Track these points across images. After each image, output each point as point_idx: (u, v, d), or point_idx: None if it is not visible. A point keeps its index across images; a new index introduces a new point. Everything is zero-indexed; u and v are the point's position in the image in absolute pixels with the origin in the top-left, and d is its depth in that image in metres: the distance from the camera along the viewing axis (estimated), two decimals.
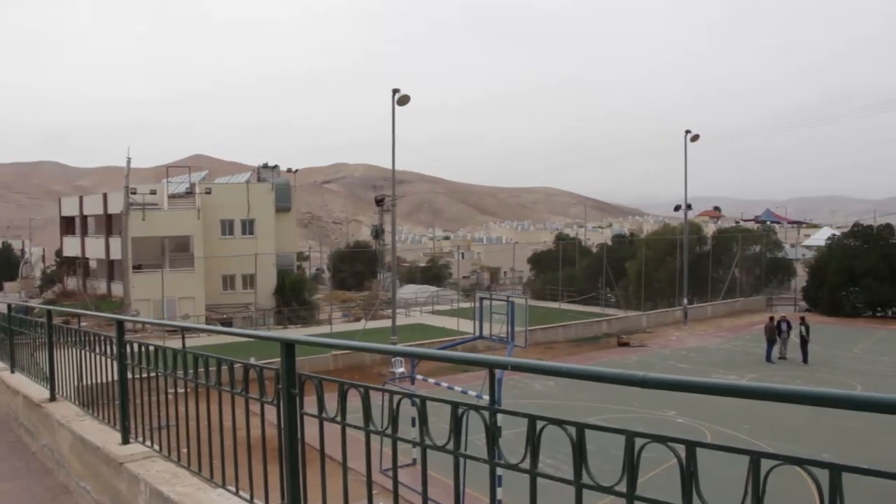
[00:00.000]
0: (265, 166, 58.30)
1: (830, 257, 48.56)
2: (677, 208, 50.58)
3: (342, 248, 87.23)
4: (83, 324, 6.85)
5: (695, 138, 46.62)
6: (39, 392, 7.75)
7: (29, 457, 7.70)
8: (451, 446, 2.95)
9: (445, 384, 18.73)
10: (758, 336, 35.53)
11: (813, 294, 49.24)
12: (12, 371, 9.00)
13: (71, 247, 59.56)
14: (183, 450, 4.99)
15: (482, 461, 2.86)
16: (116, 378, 5.66)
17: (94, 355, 6.18)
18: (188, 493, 4.53)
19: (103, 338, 6.01)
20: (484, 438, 2.83)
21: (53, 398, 7.40)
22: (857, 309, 46.46)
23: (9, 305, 9.32)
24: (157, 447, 5.35)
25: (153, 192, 49.22)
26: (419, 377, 19.17)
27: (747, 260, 57.02)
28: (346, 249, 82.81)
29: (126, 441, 5.62)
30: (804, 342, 32.37)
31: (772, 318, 34.26)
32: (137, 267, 46.61)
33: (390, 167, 34.05)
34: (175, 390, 5.02)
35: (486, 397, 3.21)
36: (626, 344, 38.49)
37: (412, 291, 60.12)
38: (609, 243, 70.99)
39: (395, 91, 32.50)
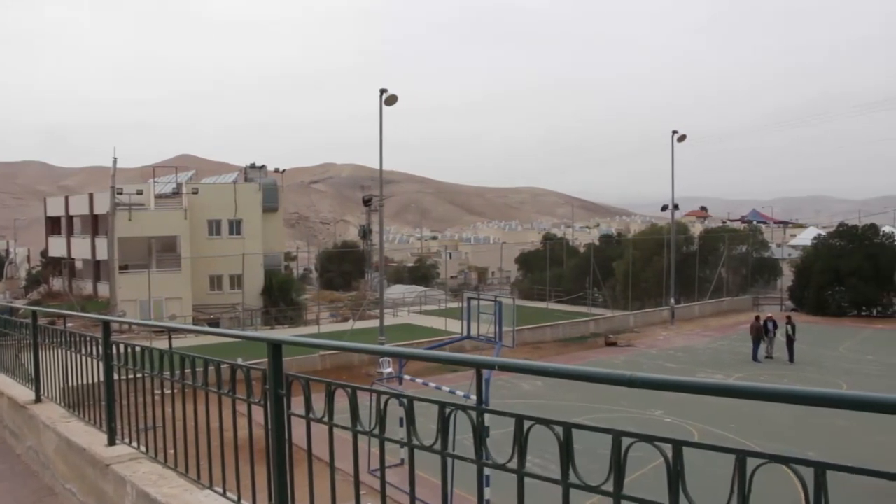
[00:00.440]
0: (252, 166, 58.12)
1: (816, 257, 48.87)
2: (664, 208, 50.75)
3: (330, 249, 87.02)
4: (69, 325, 6.80)
5: (682, 138, 46.83)
6: (24, 393, 7.69)
7: (14, 459, 7.65)
8: (439, 446, 2.95)
9: (433, 384, 18.72)
10: (744, 335, 35.70)
11: (799, 293, 49.54)
12: None
13: (56, 247, 59.22)
14: (170, 451, 4.97)
15: (470, 461, 2.86)
16: (103, 379, 5.64)
17: (80, 356, 6.15)
18: (175, 495, 4.51)
19: (89, 339, 5.98)
20: (472, 438, 2.84)
21: (39, 399, 7.35)
22: (843, 308, 46.77)
23: None
24: (144, 448, 5.32)
25: (140, 192, 48.95)
26: (407, 377, 19.16)
27: (734, 260, 57.30)
28: (334, 249, 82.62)
29: (112, 442, 5.59)
30: (790, 341, 32.55)
31: (758, 318, 34.43)
32: (124, 267, 46.36)
33: (378, 167, 34.02)
34: (162, 391, 5.00)
35: (474, 397, 3.25)
36: (614, 344, 38.59)
37: (400, 291, 60.07)
38: (596, 243, 71.16)
39: (383, 91, 32.46)
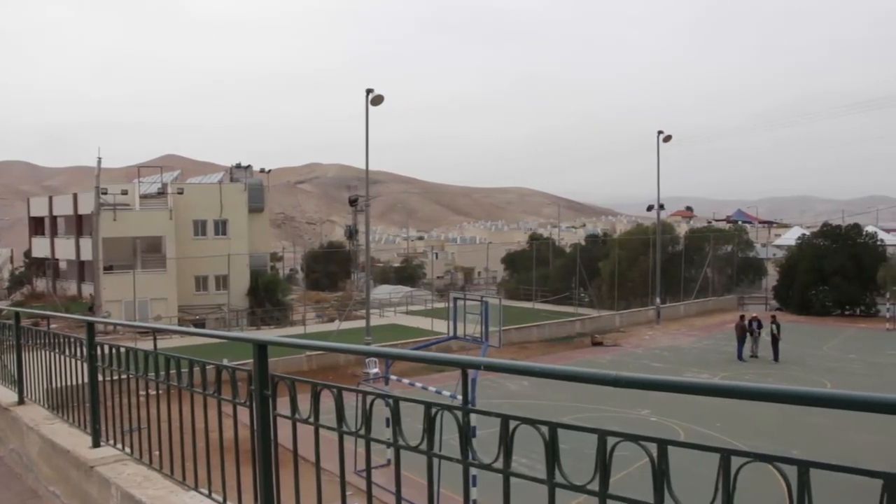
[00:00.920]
0: (238, 166, 57.91)
1: (800, 257, 49.19)
2: (650, 208, 50.94)
3: (316, 249, 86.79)
4: (53, 326, 6.76)
5: (667, 139, 47.03)
6: (7, 395, 7.63)
7: None
8: (425, 447, 2.95)
9: (420, 384, 18.73)
10: (729, 335, 35.89)
11: (783, 293, 49.86)
12: None
13: (40, 248, 58.79)
14: (155, 452, 4.94)
15: (456, 461, 2.86)
16: (87, 380, 5.60)
17: (64, 357, 6.11)
18: (160, 496, 4.49)
19: (73, 340, 5.95)
20: (458, 438, 2.84)
21: (22, 401, 7.30)
22: (827, 307, 47.10)
23: None
24: (129, 450, 5.29)
25: (124, 193, 48.61)
26: (393, 377, 19.15)
27: (719, 259, 57.58)
28: (320, 250, 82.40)
29: (97, 444, 5.56)
30: (775, 341, 32.76)
31: (742, 317, 34.63)
32: (109, 268, 46.09)
33: (364, 167, 33.98)
34: (147, 392, 4.97)
35: (460, 397, 3.23)
36: (600, 343, 38.71)
37: (386, 292, 59.97)
38: (582, 243, 71.23)
39: (369, 91, 32.42)
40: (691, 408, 22.08)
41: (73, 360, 5.94)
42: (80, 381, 5.79)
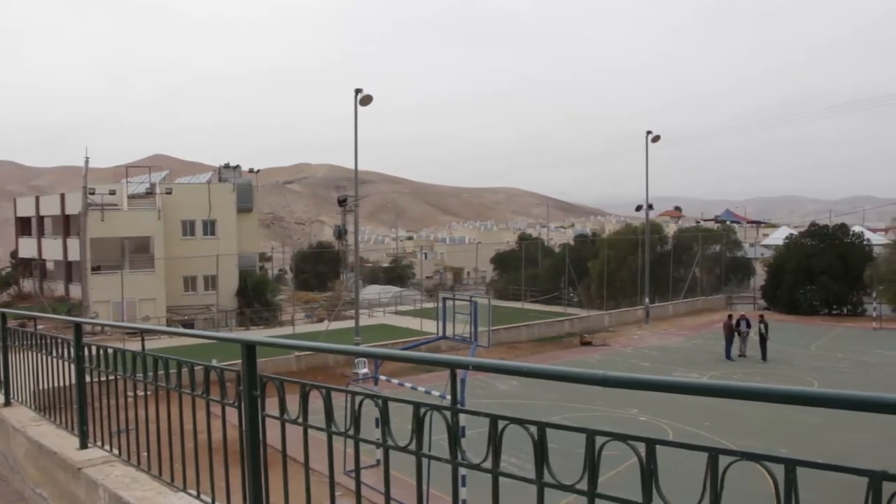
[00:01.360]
0: (226, 166, 57.76)
1: (788, 256, 49.41)
2: (639, 208, 51.07)
3: (305, 249, 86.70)
4: (40, 327, 6.72)
5: (656, 139, 47.16)
6: None
7: None
8: (414, 447, 2.95)
9: (409, 384, 18.72)
10: (718, 334, 36.02)
11: (771, 292, 50.07)
12: None
13: (27, 248, 58.47)
14: (143, 454, 4.93)
15: (444, 461, 2.86)
16: (74, 381, 5.58)
17: (52, 359, 6.08)
18: (148, 498, 4.47)
19: (60, 341, 5.92)
20: (447, 438, 2.84)
21: (8, 403, 7.26)
22: (814, 307, 47.33)
23: None
24: (117, 451, 5.27)
25: (112, 193, 48.38)
26: (383, 378, 19.13)
27: (707, 259, 57.79)
28: (309, 250, 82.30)
29: (84, 446, 5.53)
30: (763, 340, 32.92)
31: (730, 316, 34.77)
32: (96, 268, 45.88)
33: (353, 167, 33.94)
34: (135, 393, 4.95)
35: (450, 398, 3.23)
36: (589, 343, 38.80)
37: (375, 292, 59.93)
38: (571, 243, 71.39)
39: (358, 91, 32.37)
40: (680, 407, 22.15)
41: (61, 362, 5.91)
42: (68, 383, 5.76)
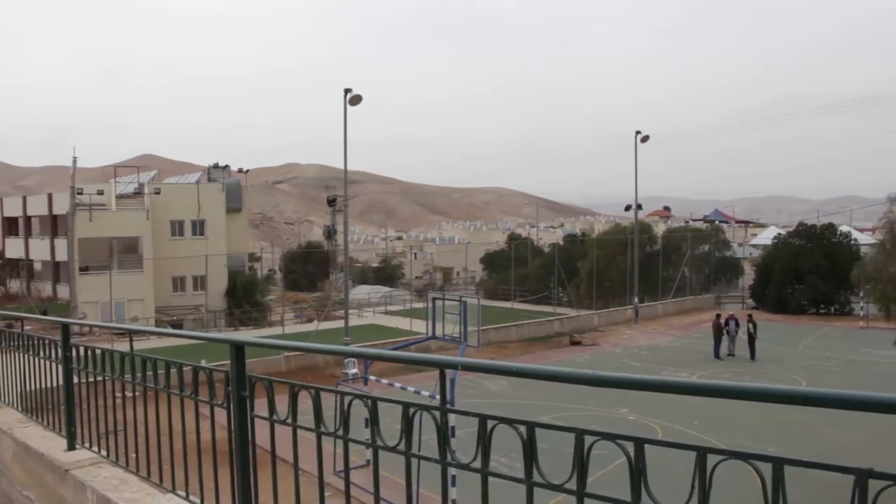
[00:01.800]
0: (215, 166, 57.55)
1: (776, 256, 49.62)
2: (628, 208, 51.19)
3: (294, 249, 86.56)
4: (27, 327, 6.69)
5: (645, 139, 47.27)
6: None
7: None
8: (403, 447, 2.95)
9: (399, 385, 18.71)
10: (707, 334, 36.15)
11: (760, 292, 50.27)
12: None
13: (14, 248, 58.13)
14: (131, 455, 4.91)
15: (433, 461, 2.86)
16: (62, 382, 5.55)
17: (39, 360, 6.05)
18: (137, 500, 4.46)
19: (48, 341, 5.89)
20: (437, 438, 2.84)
21: None
22: (802, 306, 47.54)
23: None
24: (105, 453, 5.25)
25: (100, 193, 48.14)
26: (372, 378, 19.11)
27: (696, 259, 57.97)
28: (299, 250, 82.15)
29: (72, 447, 5.51)
30: (752, 339, 33.04)
31: (718, 316, 34.90)
32: (84, 268, 45.65)
33: (343, 167, 33.90)
34: (123, 394, 4.94)
35: (439, 398, 3.24)
36: (579, 343, 38.85)
37: (365, 292, 59.87)
38: (561, 243, 71.47)
39: (347, 91, 32.33)
40: (670, 406, 22.21)
41: (48, 362, 5.89)
42: (55, 384, 5.73)
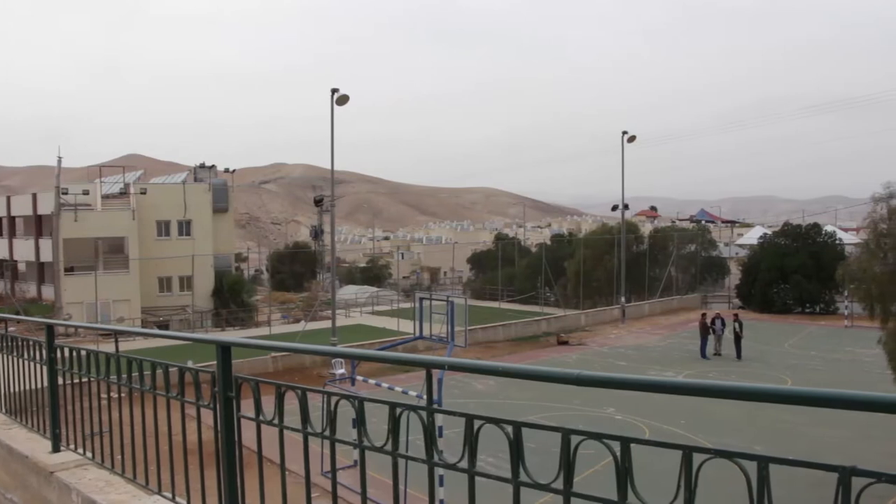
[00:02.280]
0: (202, 166, 57.33)
1: (762, 255, 49.89)
2: (615, 208, 51.34)
3: (281, 249, 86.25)
4: (11, 329, 6.64)
5: (631, 139, 47.42)
6: None
7: None
8: (390, 447, 2.95)
9: (386, 385, 18.71)
10: (693, 333, 36.30)
11: (746, 291, 50.53)
12: None
13: None
14: (117, 456, 4.88)
15: (420, 461, 2.86)
16: (46, 384, 5.52)
17: (23, 361, 6.01)
18: (122, 502, 4.44)
19: (32, 343, 5.85)
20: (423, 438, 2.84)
21: None
22: (788, 305, 47.84)
23: None
24: (90, 455, 5.22)
25: (86, 193, 47.84)
26: (360, 378, 19.10)
27: (683, 258, 58.18)
28: (286, 250, 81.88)
29: (56, 449, 5.48)
30: (738, 338, 33.20)
31: (704, 315, 35.06)
32: (70, 269, 45.37)
33: (329, 167, 33.84)
34: (108, 395, 4.91)
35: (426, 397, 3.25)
36: (566, 342, 38.93)
37: (352, 292, 59.77)
38: (548, 243, 71.57)
39: (334, 91, 32.27)
40: (656, 406, 22.29)
41: (32, 364, 5.85)
42: (40, 385, 5.70)
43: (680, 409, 22.21)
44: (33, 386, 5.85)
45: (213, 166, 58.42)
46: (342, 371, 20.65)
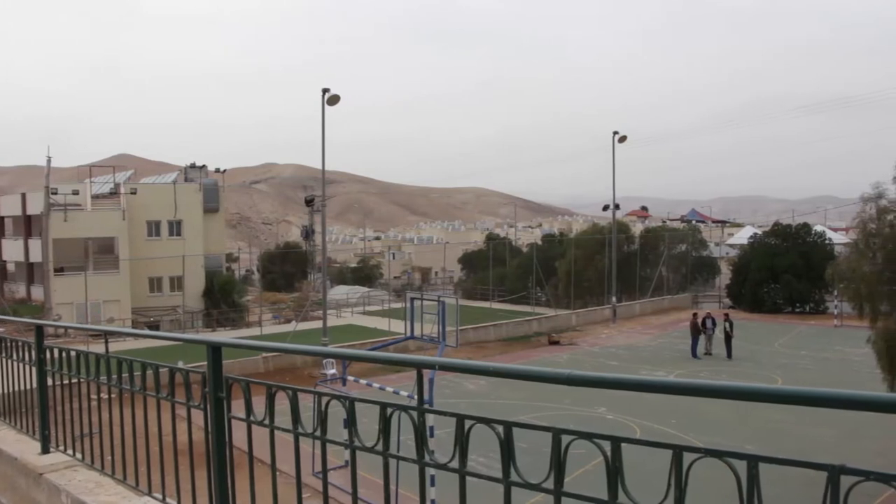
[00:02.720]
0: (192, 166, 57.17)
1: (752, 255, 50.05)
2: (606, 208, 51.41)
3: (272, 249, 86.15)
4: (0, 329, 6.61)
5: (622, 139, 47.48)
6: None
7: None
8: (381, 447, 2.95)
9: (377, 385, 18.69)
10: (684, 333, 36.39)
11: (736, 291, 50.68)
12: None
13: None
14: (107, 458, 4.87)
15: (411, 461, 2.86)
16: (36, 385, 5.49)
17: (12, 362, 5.98)
18: (112, 502, 4.43)
19: (21, 343, 5.82)
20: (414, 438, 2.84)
21: None
22: (778, 305, 48.01)
23: None
24: (80, 456, 5.20)
25: (76, 193, 47.66)
26: (351, 378, 19.07)
27: (674, 258, 58.32)
28: (276, 250, 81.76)
29: (46, 450, 5.45)
30: (728, 338, 33.29)
31: (695, 315, 35.15)
32: (59, 269, 45.19)
33: (320, 167, 33.80)
34: (98, 396, 4.89)
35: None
36: (557, 342, 38.97)
37: (343, 292, 59.71)
38: (539, 243, 71.71)
39: (325, 91, 32.23)
40: (647, 405, 22.33)
41: (21, 364, 5.82)
42: (29, 386, 5.67)
43: (671, 409, 22.27)
44: (22, 387, 5.82)
45: (204, 166, 58.27)
46: (333, 371, 20.61)
